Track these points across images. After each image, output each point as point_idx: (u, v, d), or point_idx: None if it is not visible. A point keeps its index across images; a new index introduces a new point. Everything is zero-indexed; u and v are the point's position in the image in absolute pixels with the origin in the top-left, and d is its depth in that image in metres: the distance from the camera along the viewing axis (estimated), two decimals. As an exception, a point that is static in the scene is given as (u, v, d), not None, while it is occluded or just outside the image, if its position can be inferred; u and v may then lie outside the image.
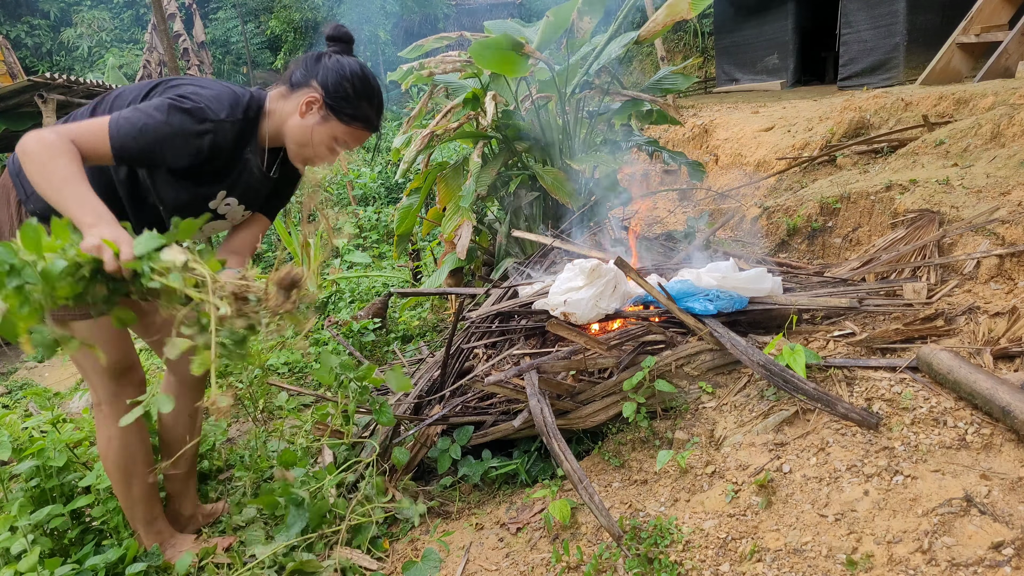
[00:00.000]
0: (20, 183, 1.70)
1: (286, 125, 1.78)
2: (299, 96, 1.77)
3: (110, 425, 1.85)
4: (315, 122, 1.76)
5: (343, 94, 1.75)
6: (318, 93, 1.75)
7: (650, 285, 2.34)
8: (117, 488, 1.91)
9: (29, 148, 1.47)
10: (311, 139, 1.78)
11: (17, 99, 9.06)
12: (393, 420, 2.26)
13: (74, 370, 5.66)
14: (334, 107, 1.75)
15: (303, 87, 1.77)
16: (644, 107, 4.09)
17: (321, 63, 1.77)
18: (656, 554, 1.59)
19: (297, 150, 1.81)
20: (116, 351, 1.82)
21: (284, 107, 1.78)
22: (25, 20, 17.88)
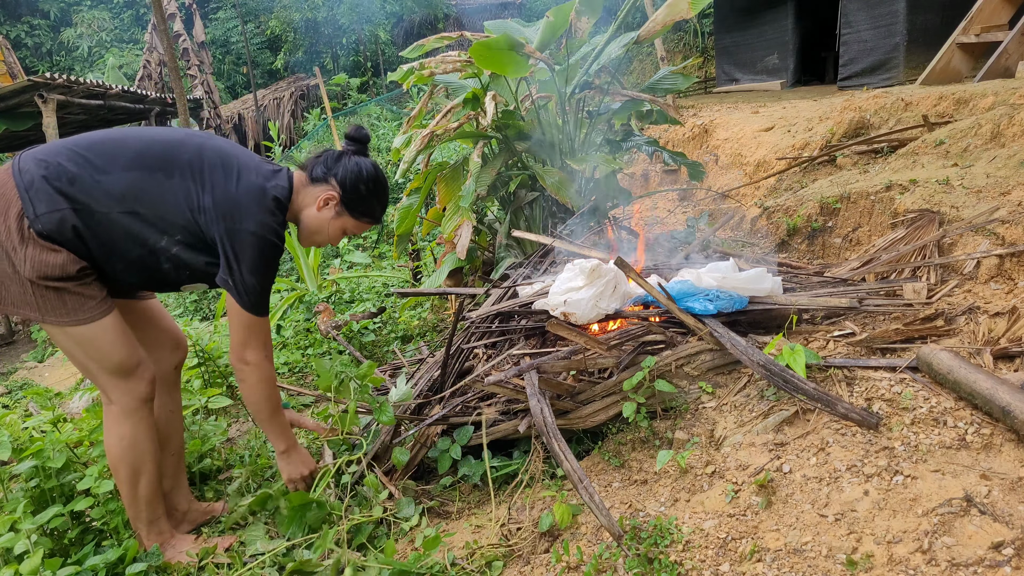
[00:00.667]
0: (31, 200, 1.68)
1: (303, 214, 1.98)
2: (318, 190, 1.96)
3: (121, 423, 1.86)
4: (330, 216, 1.98)
5: (359, 195, 1.98)
6: (336, 192, 1.96)
7: (650, 285, 2.34)
8: (123, 487, 1.92)
9: (249, 383, 1.91)
10: (326, 230, 2.00)
11: (17, 99, 9.07)
12: (393, 419, 2.26)
13: (74, 370, 5.66)
14: (349, 205, 1.98)
15: (322, 183, 1.97)
16: (644, 107, 4.09)
17: (341, 163, 1.97)
18: (656, 554, 1.59)
19: (309, 236, 2.02)
20: (123, 349, 1.84)
21: (303, 198, 1.97)
22: (25, 20, 17.89)
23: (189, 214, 1.79)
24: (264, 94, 17.49)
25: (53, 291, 1.71)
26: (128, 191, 1.74)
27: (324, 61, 19.16)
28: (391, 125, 14.17)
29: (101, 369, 1.83)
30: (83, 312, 1.76)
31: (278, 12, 18.42)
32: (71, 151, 1.76)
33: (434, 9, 19.17)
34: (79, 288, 1.75)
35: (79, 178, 1.72)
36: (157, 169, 1.78)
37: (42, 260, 1.68)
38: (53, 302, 1.72)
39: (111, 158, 1.76)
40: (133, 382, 1.87)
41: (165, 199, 1.77)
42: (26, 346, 9.59)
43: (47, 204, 1.68)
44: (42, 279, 1.69)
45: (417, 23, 19.93)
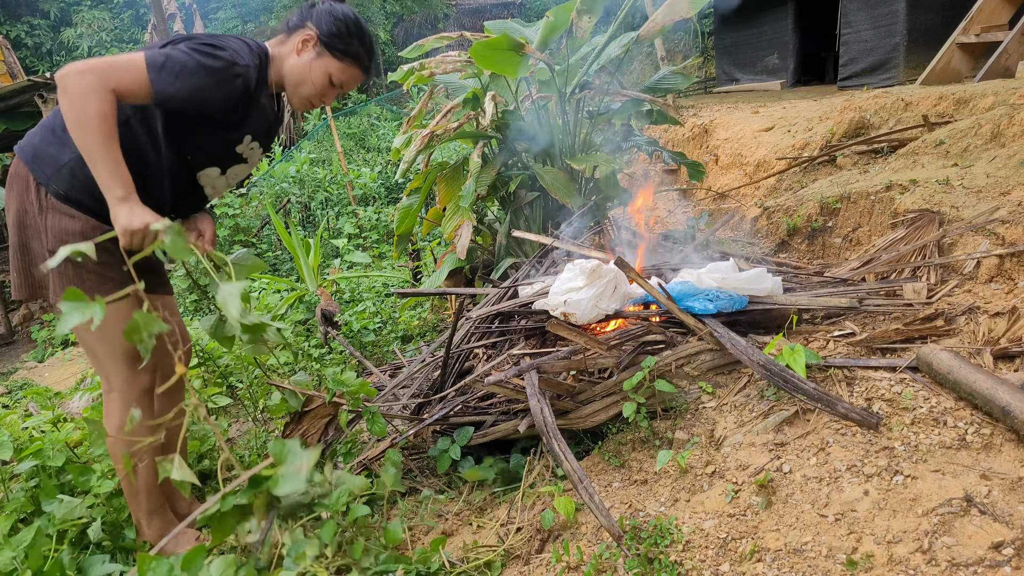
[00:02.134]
0: (38, 167, 1.70)
1: (285, 65, 1.88)
2: (296, 37, 1.88)
3: (121, 412, 1.85)
4: (311, 59, 1.87)
5: (336, 32, 1.87)
6: (313, 31, 1.86)
7: (650, 285, 2.34)
8: (121, 476, 1.92)
9: (71, 88, 1.52)
10: (308, 76, 1.88)
11: (17, 99, 9.07)
12: (385, 431, 2.28)
13: (74, 370, 5.66)
14: (328, 43, 1.87)
15: (299, 28, 1.89)
16: (644, 107, 4.09)
17: (315, 8, 1.90)
18: (656, 554, 1.59)
19: (295, 89, 1.90)
20: None
21: (283, 50, 1.89)
22: (25, 20, 17.89)
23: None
24: (264, 94, 17.46)
25: (72, 265, 1.71)
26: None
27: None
28: (391, 125, 14.15)
29: (109, 354, 1.82)
30: (99, 290, 1.73)
31: (278, 12, 18.41)
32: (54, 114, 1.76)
33: (434, 9, 19.16)
34: (98, 268, 1.74)
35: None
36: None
37: (61, 227, 1.69)
38: (71, 277, 1.72)
39: None
40: (137, 371, 1.86)
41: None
42: (26, 346, 9.59)
43: (53, 164, 1.70)
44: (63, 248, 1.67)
45: (417, 23, 19.92)
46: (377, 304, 4.81)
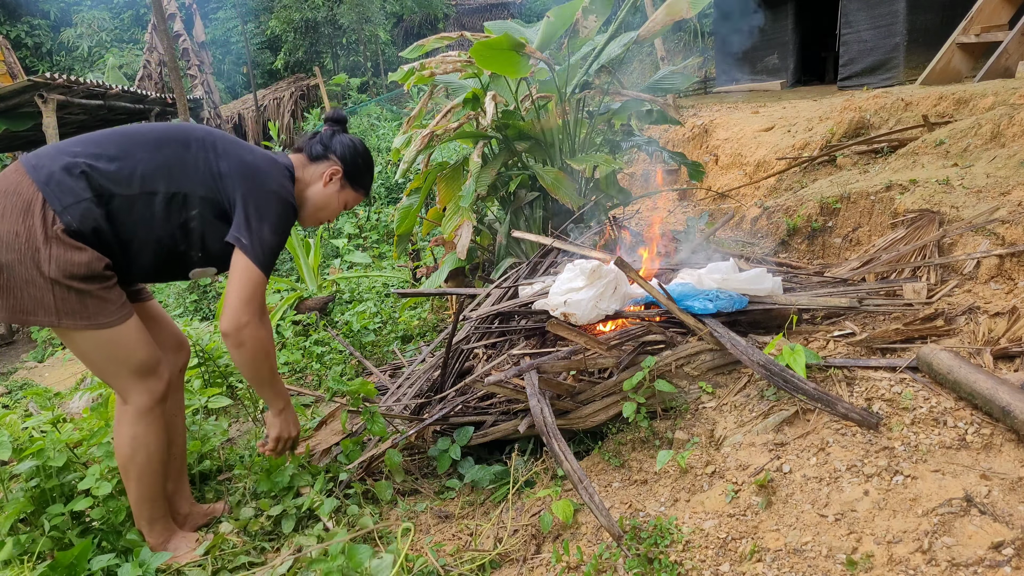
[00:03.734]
0: (55, 194, 1.67)
1: (309, 191, 2.05)
2: (321, 167, 2.05)
3: (135, 424, 1.86)
4: (336, 190, 2.07)
5: (357, 168, 2.09)
6: (339, 166, 2.06)
7: (650, 285, 2.34)
8: (130, 486, 1.92)
9: (247, 343, 1.82)
10: (331, 204, 2.08)
11: (17, 99, 9.07)
12: (385, 431, 2.29)
13: (74, 370, 5.66)
14: (350, 178, 2.09)
15: (323, 160, 2.06)
16: (644, 107, 4.09)
17: (336, 140, 2.07)
18: (656, 554, 1.59)
19: (315, 213, 2.09)
20: (145, 348, 1.85)
21: (306, 176, 2.05)
22: (25, 20, 17.88)
23: (211, 181, 1.81)
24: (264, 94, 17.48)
25: (75, 293, 1.70)
26: (148, 169, 1.76)
27: (324, 61, 19.15)
28: (391, 125, 14.15)
29: (121, 370, 1.83)
30: (103, 316, 1.75)
31: (278, 12, 18.41)
32: (84, 142, 1.77)
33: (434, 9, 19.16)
34: (101, 292, 1.74)
35: (97, 167, 1.72)
36: (174, 143, 1.81)
37: (68, 259, 1.67)
38: (73, 304, 1.70)
39: (125, 145, 1.78)
40: (153, 381, 1.87)
41: (185, 170, 1.80)
42: (26, 346, 9.59)
43: (71, 195, 1.68)
44: (68, 278, 1.67)
45: (417, 23, 19.92)
46: (377, 304, 4.81)
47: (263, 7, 19.49)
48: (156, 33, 13.29)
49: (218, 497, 2.36)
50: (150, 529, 1.97)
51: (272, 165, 1.91)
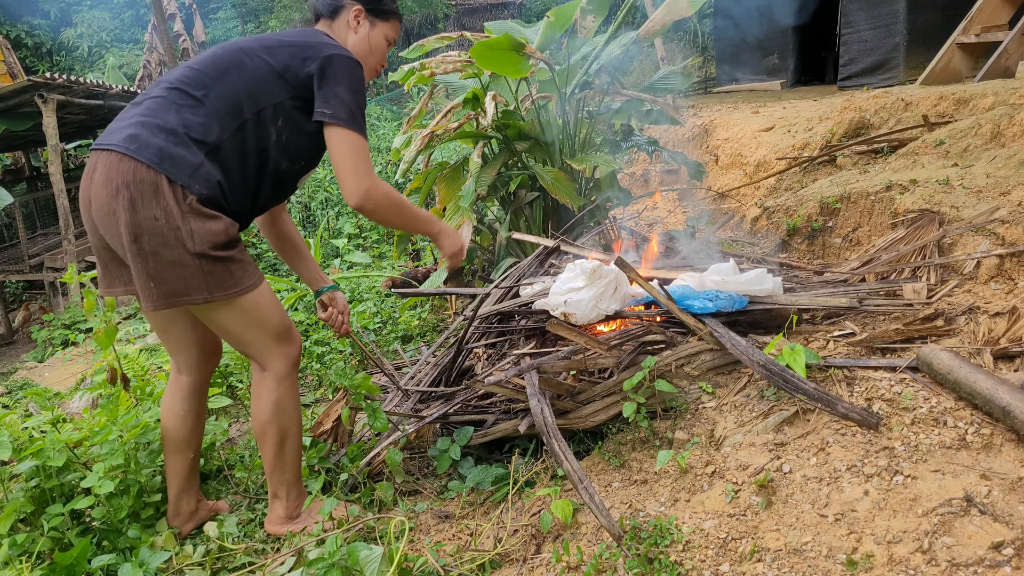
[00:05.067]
0: (175, 169, 1.66)
1: (348, 46, 1.98)
2: (343, 18, 2.00)
3: (275, 389, 1.90)
4: (368, 30, 2.02)
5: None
6: (358, 5, 1.99)
7: (651, 286, 2.34)
8: (268, 451, 1.95)
9: (376, 205, 1.84)
10: (371, 46, 2.03)
11: (17, 99, 9.07)
12: (387, 426, 2.29)
13: (74, 370, 5.66)
14: (375, 11, 2.02)
15: (340, 10, 2.00)
16: (644, 107, 4.09)
17: None
18: (656, 554, 1.59)
19: (364, 64, 1.99)
20: (280, 311, 1.89)
21: (338, 35, 2.00)
22: (25, 20, 17.88)
23: (280, 80, 1.80)
24: (264, 94, 17.45)
25: (220, 262, 1.71)
26: (228, 105, 1.76)
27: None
28: (391, 125, 14.15)
29: (262, 335, 1.85)
30: (248, 278, 1.78)
31: (278, 12, 18.41)
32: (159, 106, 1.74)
33: (434, 9, 19.16)
34: (240, 255, 1.77)
35: (190, 125, 1.72)
36: (233, 67, 1.80)
37: (208, 229, 1.68)
38: (221, 274, 1.72)
39: (196, 90, 1.76)
40: (289, 345, 1.91)
41: (257, 85, 1.79)
42: (26, 346, 9.59)
43: (188, 164, 1.68)
44: (213, 249, 1.68)
45: (417, 23, 19.92)
46: (377, 304, 4.80)
47: (263, 7, 19.49)
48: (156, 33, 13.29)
49: (218, 497, 2.36)
50: (288, 492, 2.00)
51: (314, 35, 1.89)
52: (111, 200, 1.67)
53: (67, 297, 9.63)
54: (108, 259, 1.84)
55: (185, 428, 2.04)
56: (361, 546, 1.65)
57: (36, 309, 10.74)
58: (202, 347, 2.02)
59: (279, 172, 1.89)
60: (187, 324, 1.96)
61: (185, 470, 2.07)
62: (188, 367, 2.03)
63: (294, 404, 1.95)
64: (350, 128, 1.79)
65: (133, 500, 2.03)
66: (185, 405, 2.03)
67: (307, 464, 2.27)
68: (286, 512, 2.02)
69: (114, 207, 1.66)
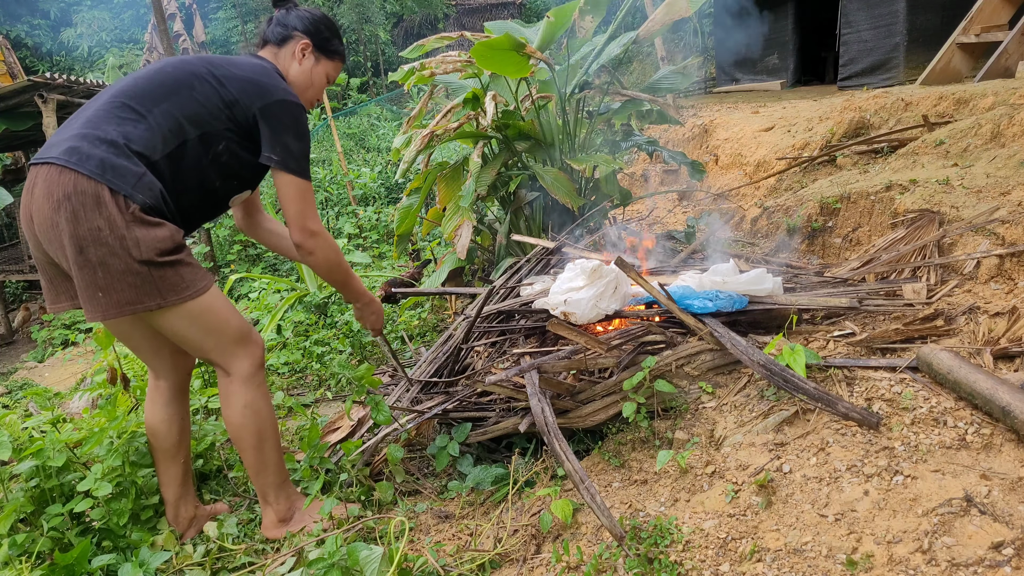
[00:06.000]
0: (117, 179, 1.66)
1: (289, 76, 2.04)
2: (290, 47, 2.05)
3: (243, 393, 1.89)
4: (311, 65, 2.06)
5: (323, 36, 2.08)
6: (306, 40, 2.04)
7: (651, 285, 2.34)
8: (248, 455, 1.94)
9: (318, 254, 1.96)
10: (312, 81, 2.08)
11: (17, 99, 9.07)
12: (391, 419, 2.28)
13: (74, 370, 5.66)
14: (322, 48, 2.08)
15: (289, 40, 2.04)
16: (644, 107, 4.09)
17: (292, 15, 2.05)
18: (656, 554, 1.59)
19: (301, 95, 2.06)
20: (236, 314, 1.89)
21: (282, 64, 2.04)
22: (25, 20, 17.87)
23: (227, 111, 1.84)
24: (264, 94, 17.43)
25: (170, 267, 1.72)
26: (172, 122, 1.78)
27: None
28: (391, 125, 14.15)
29: (222, 339, 1.85)
30: (199, 280, 1.78)
31: (278, 12, 18.38)
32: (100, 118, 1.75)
33: (434, 9, 19.15)
34: (188, 258, 1.77)
35: (131, 135, 1.73)
36: (182, 87, 1.82)
37: (153, 236, 1.69)
38: (171, 279, 1.72)
39: (139, 103, 1.77)
40: (251, 347, 1.91)
41: (202, 109, 1.82)
42: (26, 346, 9.59)
43: (130, 174, 1.69)
44: (160, 255, 1.69)
45: (417, 23, 19.92)
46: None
47: (263, 7, 19.48)
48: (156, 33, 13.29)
49: (215, 498, 2.36)
50: (276, 495, 2.00)
51: (265, 73, 1.91)
52: (53, 213, 1.66)
53: (67, 297, 9.60)
54: (53, 274, 1.83)
55: (172, 434, 2.02)
56: (361, 546, 1.65)
57: (36, 309, 10.74)
58: (173, 347, 2.00)
59: (212, 190, 1.92)
60: (149, 328, 1.93)
61: (179, 476, 2.06)
62: (164, 371, 2.01)
63: (266, 405, 1.93)
64: (296, 175, 1.87)
65: (132, 502, 2.03)
66: (168, 410, 2.01)
67: (308, 465, 2.27)
68: (278, 516, 2.02)
69: (56, 220, 1.66)
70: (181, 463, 2.06)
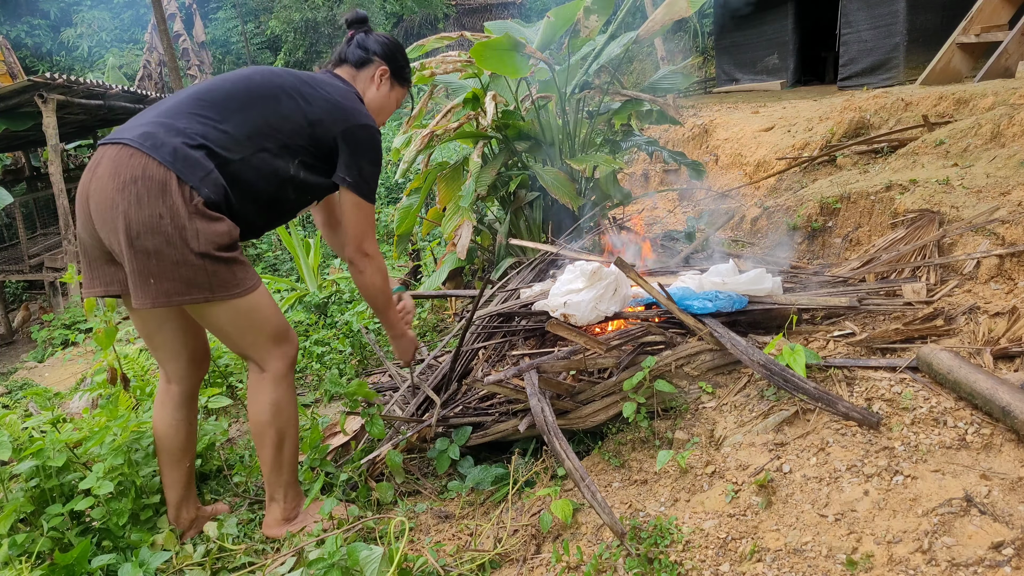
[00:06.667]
0: (187, 170, 1.68)
1: (366, 98, 2.10)
2: (368, 72, 2.13)
3: (273, 390, 1.91)
4: (388, 91, 2.16)
5: (399, 63, 2.17)
6: (385, 66, 2.13)
7: (651, 286, 2.34)
8: (266, 452, 1.95)
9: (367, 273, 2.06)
10: (387, 105, 2.18)
11: (17, 99, 9.08)
12: (384, 432, 2.29)
13: (74, 370, 5.66)
14: (398, 75, 2.18)
15: (368, 64, 2.12)
16: (644, 107, 4.09)
17: (371, 39, 2.13)
18: (656, 554, 1.59)
19: (375, 118, 2.10)
20: (278, 313, 1.91)
21: (360, 86, 2.11)
22: (25, 20, 17.88)
23: (309, 129, 1.88)
24: (264, 94, 17.43)
25: (224, 263, 1.73)
26: (254, 130, 1.81)
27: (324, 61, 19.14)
28: (391, 125, 14.14)
29: (261, 336, 1.86)
30: (249, 279, 1.80)
31: (278, 12, 18.41)
32: (181, 112, 1.77)
33: (434, 9, 19.15)
34: (241, 257, 1.80)
35: (209, 134, 1.75)
36: (267, 99, 1.85)
37: (213, 230, 1.70)
38: (224, 275, 1.73)
39: (221, 108, 1.80)
40: (287, 346, 1.92)
41: (284, 123, 1.85)
42: (26, 346, 9.59)
43: (201, 168, 1.70)
44: (217, 250, 1.70)
45: (417, 23, 19.92)
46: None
47: (263, 7, 19.49)
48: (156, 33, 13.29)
49: (215, 498, 2.36)
50: (286, 492, 2.01)
51: (350, 98, 1.97)
52: (116, 194, 1.66)
53: (67, 297, 9.63)
54: (95, 257, 1.83)
55: (179, 438, 2.02)
56: (361, 546, 1.65)
57: (36, 309, 10.75)
58: (192, 354, 2.01)
59: (286, 201, 1.95)
60: (178, 329, 1.95)
61: (183, 480, 2.06)
62: (177, 376, 2.01)
63: (292, 405, 1.95)
64: (364, 198, 1.97)
65: (132, 502, 2.03)
66: (178, 415, 2.02)
67: (309, 466, 2.27)
68: (283, 514, 2.02)
69: (117, 201, 1.66)
70: (186, 467, 2.06)
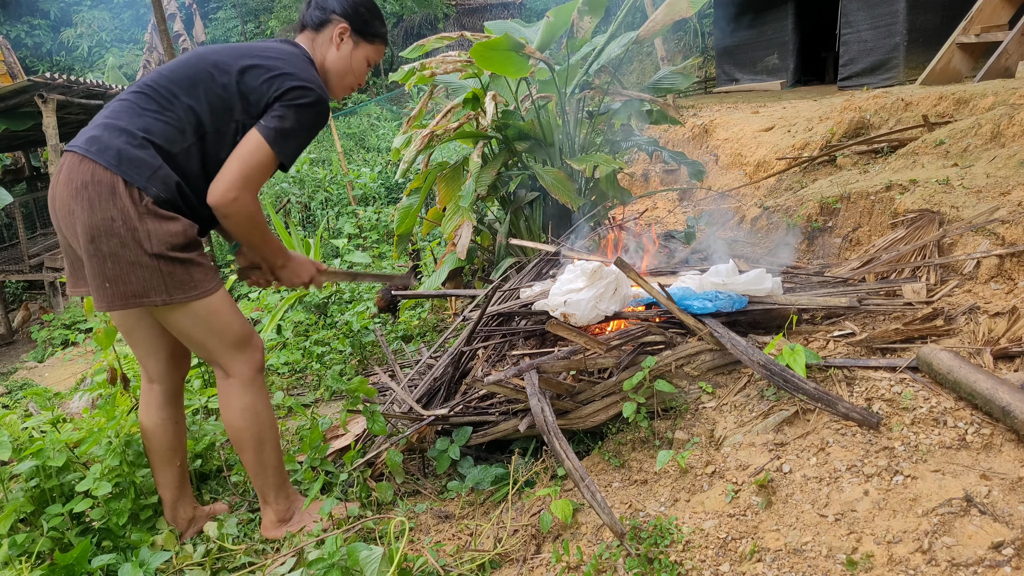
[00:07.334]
0: (132, 171, 1.67)
1: (327, 61, 2.00)
2: (327, 33, 1.99)
3: (242, 395, 1.89)
4: (350, 49, 2.01)
5: (364, 18, 2.02)
6: (345, 23, 1.98)
7: (651, 286, 2.34)
8: (248, 457, 1.94)
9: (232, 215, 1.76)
10: (351, 66, 2.03)
11: (17, 99, 9.08)
12: (385, 430, 2.29)
13: (74, 370, 5.67)
14: (361, 31, 2.02)
15: (327, 24, 1.99)
16: (644, 107, 4.09)
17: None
18: (656, 554, 1.59)
19: (340, 80, 2.03)
20: (240, 317, 1.88)
21: (318, 47, 2.00)
22: (25, 20, 17.87)
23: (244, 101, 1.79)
24: (264, 94, 17.43)
25: (179, 264, 1.71)
26: (193, 115, 1.77)
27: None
28: (391, 125, 14.15)
29: (222, 342, 1.84)
30: (208, 282, 1.78)
31: (278, 12, 18.41)
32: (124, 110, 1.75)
33: (434, 9, 19.15)
34: (200, 258, 1.77)
35: (151, 128, 1.73)
36: (204, 79, 1.79)
37: (166, 230, 1.69)
38: (180, 276, 1.72)
39: (162, 97, 1.77)
40: (251, 351, 1.90)
41: (223, 101, 1.78)
42: (26, 346, 9.60)
43: (146, 166, 1.69)
44: (171, 250, 1.69)
45: (417, 23, 19.92)
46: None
47: (263, 7, 19.50)
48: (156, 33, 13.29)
49: (214, 498, 2.36)
50: (276, 496, 2.00)
51: (292, 62, 1.84)
52: (71, 201, 1.69)
53: (67, 297, 9.63)
54: (74, 258, 1.84)
55: (167, 437, 2.02)
56: (361, 546, 1.65)
57: (36, 309, 10.74)
58: (171, 351, 2.00)
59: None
60: (154, 325, 1.94)
61: (176, 479, 2.05)
62: (159, 374, 2.01)
63: (266, 407, 1.93)
64: (271, 146, 1.76)
65: (131, 502, 2.03)
66: (162, 414, 2.01)
67: (309, 465, 2.27)
68: (277, 516, 2.02)
69: (73, 207, 1.68)
70: (177, 466, 2.05)
